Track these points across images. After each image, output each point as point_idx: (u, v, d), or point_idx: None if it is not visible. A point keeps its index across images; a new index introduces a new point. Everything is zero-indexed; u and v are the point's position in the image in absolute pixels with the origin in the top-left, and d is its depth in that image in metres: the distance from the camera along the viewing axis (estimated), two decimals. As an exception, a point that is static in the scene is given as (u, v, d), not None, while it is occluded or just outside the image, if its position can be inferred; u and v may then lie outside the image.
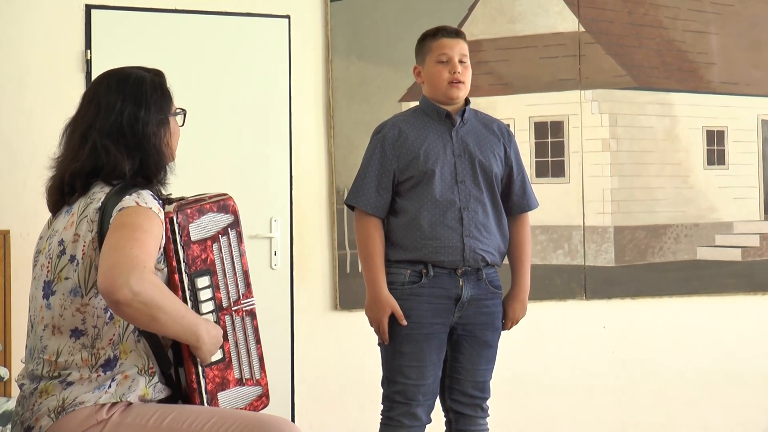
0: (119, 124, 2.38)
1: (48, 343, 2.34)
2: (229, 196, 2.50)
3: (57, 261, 2.35)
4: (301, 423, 4.74)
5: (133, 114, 2.39)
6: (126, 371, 2.31)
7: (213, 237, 2.42)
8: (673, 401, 5.28)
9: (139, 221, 2.24)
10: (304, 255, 4.83)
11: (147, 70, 2.51)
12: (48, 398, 2.30)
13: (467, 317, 3.34)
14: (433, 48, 3.37)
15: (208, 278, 2.39)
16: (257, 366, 2.51)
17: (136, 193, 2.31)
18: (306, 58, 4.87)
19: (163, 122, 2.45)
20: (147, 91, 2.43)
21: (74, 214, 2.37)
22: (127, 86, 2.43)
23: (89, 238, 2.30)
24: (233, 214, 2.48)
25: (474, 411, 3.41)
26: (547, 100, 5.17)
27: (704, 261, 5.36)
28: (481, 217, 3.33)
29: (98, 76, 2.50)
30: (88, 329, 2.31)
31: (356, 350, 4.78)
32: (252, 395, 2.50)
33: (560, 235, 5.15)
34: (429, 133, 3.36)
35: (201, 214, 2.40)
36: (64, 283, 2.33)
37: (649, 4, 5.34)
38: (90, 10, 4.56)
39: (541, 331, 5.02)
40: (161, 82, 2.50)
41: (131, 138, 2.39)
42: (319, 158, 4.88)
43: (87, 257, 2.30)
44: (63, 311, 2.32)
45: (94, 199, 2.34)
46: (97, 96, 2.43)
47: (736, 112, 5.46)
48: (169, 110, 2.49)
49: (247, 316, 2.49)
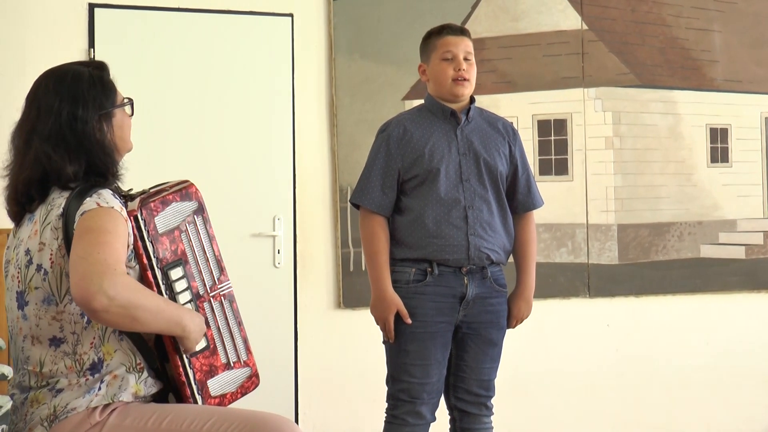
0: (58, 127, 2.31)
1: (30, 354, 2.32)
2: (190, 183, 2.46)
3: (26, 271, 2.31)
4: (304, 421, 4.74)
5: (72, 113, 2.31)
6: (114, 371, 2.29)
7: (179, 226, 2.39)
8: (676, 399, 5.28)
9: (102, 224, 2.20)
10: (307, 253, 4.83)
11: (86, 65, 2.43)
12: (39, 407, 2.28)
13: (472, 316, 3.33)
14: (438, 45, 3.36)
15: (181, 269, 2.37)
16: (242, 347, 2.49)
17: (96, 194, 2.26)
18: (309, 56, 4.87)
19: (105, 117, 2.36)
20: (84, 88, 2.35)
21: (37, 222, 2.32)
22: (64, 85, 2.35)
23: (55, 246, 2.26)
24: (197, 201, 2.45)
25: (478, 409, 3.40)
26: (550, 98, 5.17)
27: (708, 259, 5.35)
28: (486, 216, 3.33)
29: (38, 77, 2.42)
30: (67, 336, 2.28)
31: (360, 348, 4.78)
32: (242, 377, 2.49)
33: (564, 233, 5.15)
34: (434, 132, 3.35)
35: (165, 205, 2.37)
36: (36, 293, 2.30)
37: (652, 2, 5.33)
38: (93, 8, 4.56)
39: (545, 329, 5.02)
40: (101, 75, 2.40)
41: (72, 139, 2.31)
42: (322, 156, 4.87)
43: (56, 265, 2.26)
44: (39, 321, 2.29)
45: (54, 205, 2.30)
46: (37, 99, 2.37)
47: (739, 109, 5.45)
48: (113, 103, 2.39)
49: (226, 300, 2.47)
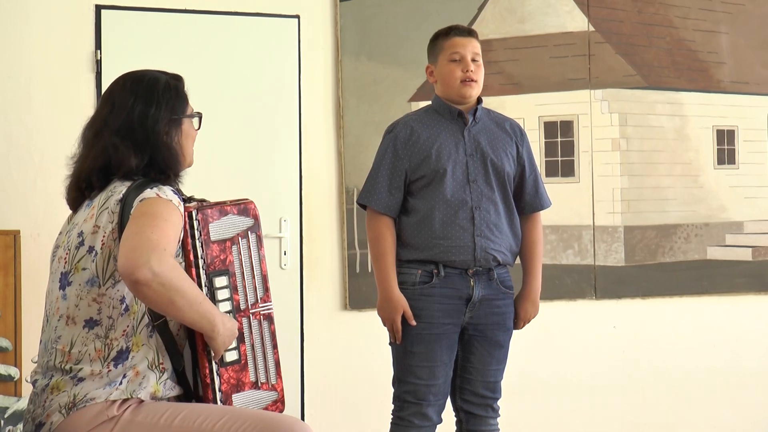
0: (129, 121, 2.43)
1: (62, 333, 2.36)
2: (250, 201, 2.51)
3: (75, 252, 2.38)
4: (311, 423, 4.72)
5: (144, 111, 2.43)
6: (137, 366, 2.32)
7: (232, 239, 2.43)
8: (683, 401, 5.27)
9: (159, 210, 2.28)
10: (313, 255, 4.83)
11: (165, 73, 2.55)
12: (59, 394, 2.31)
13: (478, 317, 3.33)
14: (445, 47, 3.36)
15: (225, 278, 2.40)
16: (273, 371, 2.50)
17: (157, 187, 2.35)
18: (315, 57, 4.87)
19: (174, 122, 2.48)
20: (159, 91, 2.47)
21: (95, 207, 2.40)
22: (141, 85, 2.48)
23: (109, 228, 2.33)
24: (254, 218, 2.49)
25: (485, 411, 3.40)
26: (556, 100, 5.17)
27: (715, 261, 5.34)
28: (493, 217, 3.32)
29: (116, 78, 2.55)
30: (103, 319, 2.33)
31: (366, 350, 4.77)
32: (267, 400, 2.50)
33: (570, 234, 5.14)
34: (441, 132, 3.35)
35: (221, 214, 2.42)
36: (81, 274, 2.35)
37: (659, 4, 5.32)
38: (100, 10, 4.56)
39: (551, 331, 5.01)
40: (176, 84, 2.53)
41: (140, 134, 2.42)
42: (328, 158, 4.87)
43: (106, 247, 2.33)
44: (79, 301, 2.34)
45: (115, 192, 2.38)
46: (113, 95, 2.49)
47: (746, 111, 5.44)
48: (183, 112, 2.51)
49: (265, 320, 2.50)
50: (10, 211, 4.40)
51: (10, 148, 4.46)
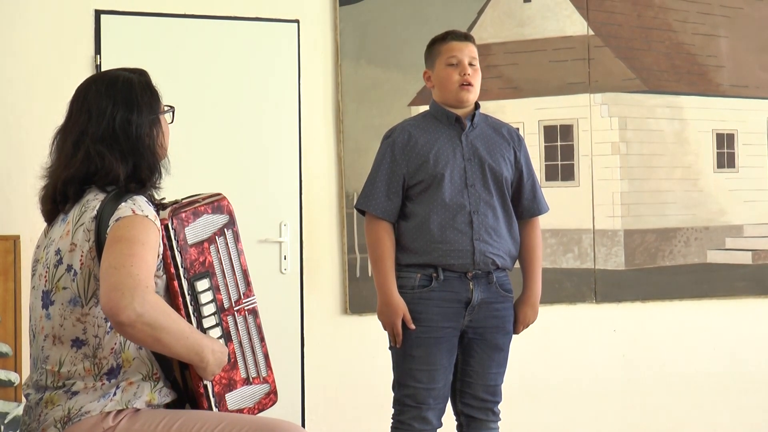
0: (112, 129, 2.37)
1: (50, 353, 2.34)
2: (223, 196, 2.49)
3: (54, 270, 2.35)
4: (311, 427, 4.73)
5: (126, 118, 2.38)
6: (130, 378, 2.31)
7: (209, 239, 2.42)
8: (683, 404, 5.27)
9: (136, 234, 2.23)
10: (313, 259, 4.83)
11: (131, 71, 2.49)
12: (54, 408, 2.29)
13: (478, 321, 3.33)
14: (442, 51, 3.37)
15: (207, 281, 2.39)
16: (263, 364, 2.51)
17: (131, 200, 2.30)
18: (315, 62, 4.87)
19: (154, 122, 2.43)
20: (137, 93, 2.42)
21: (69, 222, 2.36)
22: (117, 90, 2.41)
23: (86, 247, 2.29)
24: (228, 214, 2.47)
25: (485, 415, 3.40)
26: (556, 104, 5.17)
27: (714, 264, 5.34)
28: (491, 221, 3.33)
29: (83, 82, 2.48)
30: (89, 339, 2.30)
31: (366, 354, 4.78)
32: (260, 393, 2.50)
33: (570, 238, 5.15)
34: (439, 137, 3.36)
35: (196, 216, 2.40)
36: (63, 293, 2.33)
37: (658, 8, 5.33)
38: (100, 15, 4.57)
39: (551, 334, 5.01)
40: (148, 81, 2.48)
41: (125, 142, 2.37)
42: (328, 162, 4.88)
43: (85, 267, 2.29)
44: (63, 321, 2.32)
45: (89, 207, 2.33)
46: (87, 102, 2.41)
47: (745, 114, 5.45)
48: (159, 109, 2.47)
49: (250, 315, 2.49)
50: (10, 216, 4.41)
51: (10, 153, 4.46)
